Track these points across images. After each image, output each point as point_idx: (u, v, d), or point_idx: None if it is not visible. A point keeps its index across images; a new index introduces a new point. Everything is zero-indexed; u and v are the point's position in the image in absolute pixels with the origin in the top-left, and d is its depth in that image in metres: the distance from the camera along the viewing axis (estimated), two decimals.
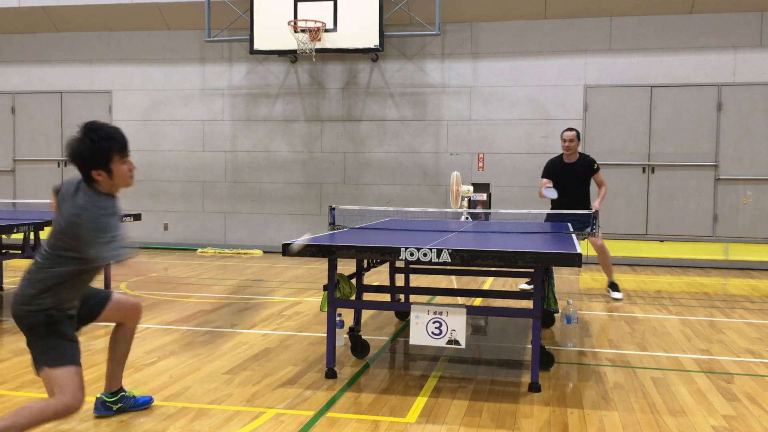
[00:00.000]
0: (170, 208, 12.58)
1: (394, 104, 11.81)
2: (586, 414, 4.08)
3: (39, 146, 13.01)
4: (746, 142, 10.81)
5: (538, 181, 11.23)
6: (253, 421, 3.87)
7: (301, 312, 6.94)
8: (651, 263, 11.03)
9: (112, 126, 3.38)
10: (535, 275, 4.43)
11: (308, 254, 4.46)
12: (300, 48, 10.78)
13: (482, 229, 6.44)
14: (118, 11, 12.16)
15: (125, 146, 3.38)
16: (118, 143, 3.35)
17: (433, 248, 4.21)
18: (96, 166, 3.31)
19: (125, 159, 3.38)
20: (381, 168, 11.88)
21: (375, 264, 5.73)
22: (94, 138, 3.29)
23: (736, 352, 5.58)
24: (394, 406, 4.15)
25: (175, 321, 6.52)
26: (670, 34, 10.97)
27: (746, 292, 8.60)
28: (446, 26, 11.50)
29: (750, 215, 10.85)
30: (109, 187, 3.40)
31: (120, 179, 3.40)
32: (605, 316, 7.01)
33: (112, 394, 3.98)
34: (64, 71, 12.88)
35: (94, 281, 3.69)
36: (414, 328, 4.48)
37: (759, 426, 3.92)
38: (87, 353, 5.29)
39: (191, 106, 12.40)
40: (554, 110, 11.32)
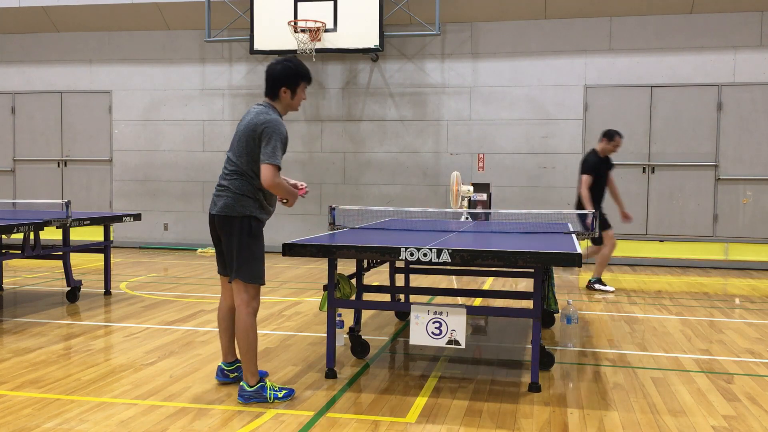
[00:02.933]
0: (170, 208, 12.58)
1: (394, 104, 11.81)
2: (586, 414, 4.08)
3: (39, 146, 13.01)
4: (746, 142, 10.81)
5: (538, 180, 11.30)
6: (253, 421, 3.87)
7: (301, 312, 6.94)
8: (651, 263, 11.03)
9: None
10: (536, 275, 4.43)
11: (308, 254, 4.47)
12: (300, 48, 10.78)
13: (482, 229, 6.44)
14: (118, 11, 12.15)
15: (310, 80, 4.32)
16: (308, 76, 4.31)
17: (433, 248, 4.21)
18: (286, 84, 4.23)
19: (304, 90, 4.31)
20: (381, 168, 11.88)
21: (375, 264, 5.73)
22: (291, 65, 4.23)
23: (736, 352, 5.58)
24: (394, 406, 4.15)
25: (175, 321, 6.52)
26: (670, 34, 10.97)
27: (746, 292, 8.60)
28: (446, 26, 11.50)
29: (750, 215, 10.85)
30: (285, 106, 4.29)
31: (297, 102, 4.30)
32: (605, 316, 7.01)
33: (230, 364, 4.49)
34: (64, 71, 12.88)
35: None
36: (414, 328, 4.48)
37: (759, 426, 3.92)
38: (87, 353, 5.29)
39: (191, 106, 12.40)
40: (554, 110, 11.32)
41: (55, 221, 6.88)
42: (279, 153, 4.07)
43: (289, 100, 4.24)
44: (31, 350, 5.34)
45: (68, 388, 4.42)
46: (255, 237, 4.17)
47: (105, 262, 7.82)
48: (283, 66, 4.21)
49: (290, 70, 4.21)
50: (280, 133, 4.07)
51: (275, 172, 4.06)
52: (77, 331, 6.02)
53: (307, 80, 4.27)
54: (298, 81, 4.23)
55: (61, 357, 5.18)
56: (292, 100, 4.25)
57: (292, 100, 4.26)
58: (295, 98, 4.26)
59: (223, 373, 4.51)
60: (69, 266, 7.27)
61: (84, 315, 6.75)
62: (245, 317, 4.12)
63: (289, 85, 4.21)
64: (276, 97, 4.24)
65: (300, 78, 4.23)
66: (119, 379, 4.64)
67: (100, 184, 12.85)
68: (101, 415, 3.94)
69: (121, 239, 12.58)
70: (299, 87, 4.24)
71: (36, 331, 5.96)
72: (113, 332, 6.07)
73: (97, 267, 9.19)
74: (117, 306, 7.20)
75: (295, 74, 4.22)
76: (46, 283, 8.56)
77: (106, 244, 7.83)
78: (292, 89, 4.23)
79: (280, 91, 4.21)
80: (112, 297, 7.66)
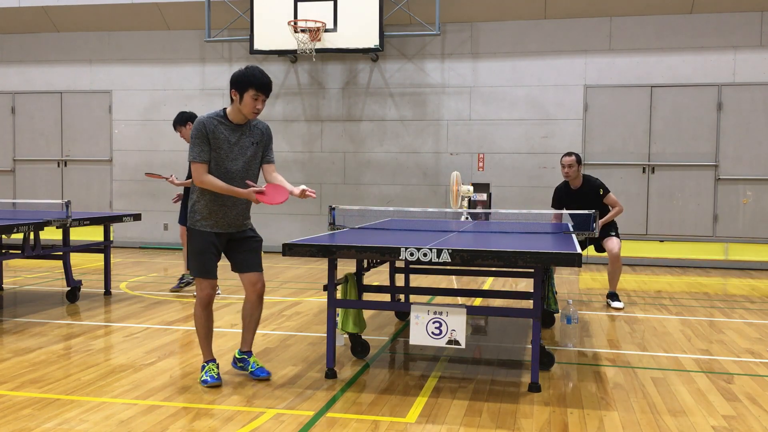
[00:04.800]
0: (170, 208, 12.55)
1: (394, 104, 11.81)
2: (586, 414, 4.08)
3: (39, 146, 13.01)
4: (746, 142, 10.81)
5: (538, 180, 11.30)
6: (253, 421, 3.87)
7: (301, 312, 6.94)
8: (651, 263, 11.03)
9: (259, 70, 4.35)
10: (536, 275, 4.42)
11: (308, 254, 4.47)
12: (300, 48, 10.78)
13: (482, 229, 6.44)
14: (117, 11, 12.15)
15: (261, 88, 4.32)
16: (259, 84, 4.30)
17: (433, 248, 4.21)
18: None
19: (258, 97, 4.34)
20: (381, 168, 11.88)
21: (375, 264, 5.73)
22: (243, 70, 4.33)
23: (736, 352, 5.58)
24: (394, 406, 4.15)
25: (175, 321, 6.52)
26: (670, 34, 10.97)
27: (746, 292, 8.60)
28: (446, 26, 11.50)
29: (750, 215, 10.85)
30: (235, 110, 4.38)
31: (246, 108, 4.34)
32: (605, 316, 7.01)
33: (242, 353, 4.74)
34: (64, 71, 12.88)
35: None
36: (414, 328, 4.48)
37: (759, 426, 3.92)
38: (87, 353, 5.29)
39: (191, 106, 12.37)
40: (554, 110, 11.32)
41: (55, 221, 6.88)
42: (194, 149, 4.33)
43: (238, 104, 4.34)
44: (31, 350, 5.34)
45: (68, 388, 4.42)
46: (191, 235, 4.53)
47: (105, 262, 7.82)
48: (239, 71, 4.36)
49: (240, 76, 4.31)
50: (192, 129, 4.37)
51: (195, 169, 4.35)
52: (77, 331, 6.02)
53: (256, 87, 4.28)
54: (246, 87, 4.28)
55: (61, 357, 5.18)
56: (240, 105, 4.33)
57: (240, 105, 4.33)
58: (243, 104, 4.32)
59: (234, 359, 4.80)
60: (69, 266, 7.27)
61: (84, 315, 6.75)
62: (194, 307, 4.59)
63: (237, 89, 4.31)
64: (231, 100, 4.40)
65: (247, 84, 4.28)
66: (119, 379, 4.64)
67: (100, 184, 12.85)
68: (101, 415, 3.94)
69: (121, 239, 12.58)
70: (246, 93, 4.29)
71: (36, 331, 5.96)
72: (113, 332, 6.07)
73: (97, 267, 9.19)
74: (117, 306, 7.20)
75: (243, 80, 4.29)
76: (46, 283, 8.56)
77: (106, 244, 7.83)
78: (239, 94, 4.31)
79: (231, 93, 4.35)
80: (112, 297, 7.66)
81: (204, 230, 4.45)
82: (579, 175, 7.45)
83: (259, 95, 4.31)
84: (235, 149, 4.41)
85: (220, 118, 4.39)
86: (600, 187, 7.44)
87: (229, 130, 4.39)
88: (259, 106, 4.34)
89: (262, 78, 4.30)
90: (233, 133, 4.41)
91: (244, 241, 4.60)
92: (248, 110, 4.34)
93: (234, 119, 4.41)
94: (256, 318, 4.69)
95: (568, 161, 7.37)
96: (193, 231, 4.48)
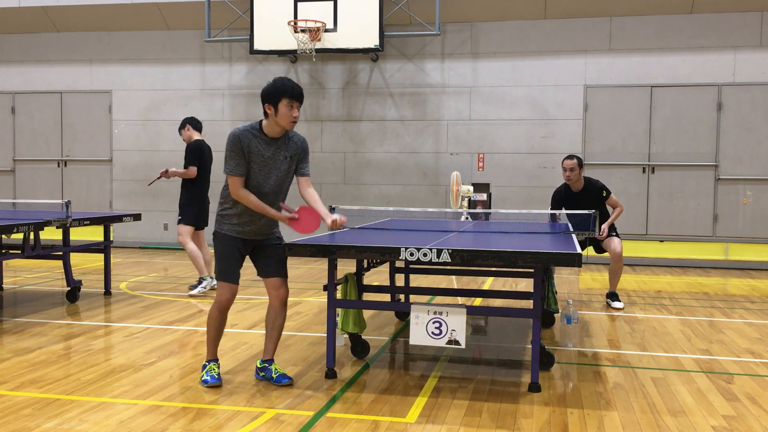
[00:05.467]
0: (170, 208, 12.56)
1: (394, 104, 11.81)
2: (586, 414, 4.08)
3: (39, 146, 13.01)
4: (746, 142, 10.81)
5: (538, 180, 11.30)
6: (253, 421, 3.87)
7: (301, 312, 6.94)
8: (651, 263, 11.03)
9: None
10: (536, 275, 4.43)
11: (308, 254, 4.47)
12: (300, 48, 10.78)
13: (482, 229, 6.44)
14: (117, 11, 12.15)
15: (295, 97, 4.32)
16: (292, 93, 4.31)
17: (433, 248, 4.21)
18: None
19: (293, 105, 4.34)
20: (381, 168, 11.88)
21: (375, 264, 5.73)
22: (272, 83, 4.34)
23: (736, 352, 5.58)
24: (394, 406, 4.15)
25: (175, 321, 6.52)
26: (670, 34, 10.97)
27: (746, 292, 8.60)
28: (446, 26, 11.50)
29: (750, 215, 10.85)
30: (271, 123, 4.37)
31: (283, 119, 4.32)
32: (605, 316, 7.01)
33: (264, 362, 4.67)
34: (64, 71, 12.88)
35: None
36: (414, 328, 4.48)
37: (759, 426, 3.92)
38: (87, 353, 5.29)
39: (191, 106, 12.39)
40: (554, 110, 11.32)
41: (55, 221, 6.88)
42: (230, 162, 4.34)
43: (274, 116, 4.32)
44: (31, 350, 5.34)
45: (68, 388, 4.42)
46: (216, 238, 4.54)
47: (105, 262, 7.82)
48: (268, 84, 4.36)
49: (270, 88, 4.32)
50: (228, 143, 4.35)
51: (230, 182, 4.38)
52: (77, 331, 6.02)
53: (289, 96, 4.28)
54: (279, 98, 4.28)
55: (61, 357, 5.18)
56: (276, 117, 4.31)
57: (277, 117, 4.31)
58: (279, 115, 4.30)
59: (257, 369, 4.72)
60: (69, 266, 7.27)
61: (84, 315, 6.75)
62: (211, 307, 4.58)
63: (270, 101, 4.31)
64: (266, 115, 4.37)
65: (281, 94, 4.28)
66: (119, 379, 4.64)
67: (100, 184, 12.85)
68: (101, 415, 3.94)
69: (121, 239, 12.58)
70: (281, 103, 4.28)
71: (36, 331, 5.96)
72: (113, 332, 6.07)
73: (97, 267, 9.19)
74: (117, 306, 7.20)
75: (275, 92, 4.30)
76: (46, 283, 8.56)
77: (106, 244, 7.83)
78: (274, 106, 4.30)
79: (264, 107, 4.34)
80: (112, 297, 7.66)
81: (230, 234, 4.46)
82: (580, 178, 7.41)
83: (293, 103, 4.30)
84: (269, 163, 4.39)
85: (256, 131, 4.36)
86: (602, 189, 7.42)
87: (264, 144, 4.36)
88: (295, 114, 4.32)
89: (294, 86, 4.31)
90: (268, 147, 4.37)
91: (270, 247, 4.58)
92: (286, 121, 4.32)
93: (270, 133, 4.37)
94: (279, 326, 4.63)
95: (570, 164, 7.32)
96: (219, 234, 4.50)
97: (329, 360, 4.69)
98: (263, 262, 4.59)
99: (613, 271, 7.50)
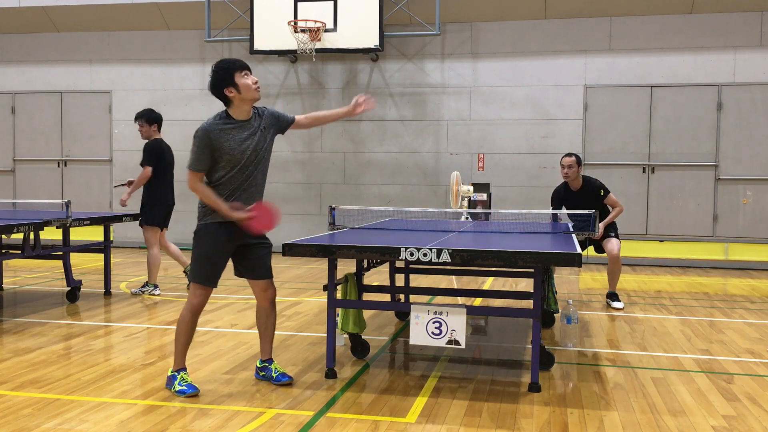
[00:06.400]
0: None
1: (394, 104, 11.81)
2: (586, 414, 4.08)
3: (39, 146, 13.01)
4: (746, 142, 10.81)
5: (538, 180, 11.30)
6: (253, 421, 3.87)
7: (301, 312, 6.94)
8: (651, 263, 11.03)
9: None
10: (536, 275, 4.42)
11: (308, 254, 4.47)
12: (300, 48, 10.78)
13: (482, 229, 6.44)
14: (118, 11, 12.15)
15: (242, 66, 4.24)
16: (238, 63, 4.24)
17: (433, 248, 4.21)
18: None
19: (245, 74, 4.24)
20: (381, 168, 11.88)
21: (375, 264, 5.73)
22: (215, 68, 4.25)
23: (736, 352, 5.58)
24: (394, 406, 4.15)
25: (175, 321, 6.51)
26: (670, 34, 10.97)
27: (746, 292, 8.60)
28: (446, 26, 11.50)
29: (750, 215, 10.85)
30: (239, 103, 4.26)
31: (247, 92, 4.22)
32: (605, 316, 7.01)
33: (261, 362, 4.65)
34: (64, 71, 12.88)
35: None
36: (414, 328, 4.48)
37: (759, 426, 3.92)
38: (87, 353, 5.29)
39: (191, 106, 12.39)
40: (554, 110, 11.32)
41: (55, 221, 6.88)
42: (193, 158, 4.21)
43: (238, 95, 4.22)
44: (31, 350, 5.34)
45: (68, 388, 4.42)
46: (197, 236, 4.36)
47: (105, 262, 7.82)
48: (213, 73, 4.26)
49: (218, 73, 4.22)
50: (195, 138, 4.22)
51: (190, 176, 4.24)
52: (77, 331, 6.02)
53: (238, 68, 4.20)
54: (231, 75, 4.19)
55: (61, 357, 5.18)
56: (240, 94, 4.21)
57: (241, 93, 4.21)
58: (243, 89, 4.20)
59: (257, 369, 4.69)
60: (69, 266, 7.27)
61: (84, 315, 6.75)
62: (183, 311, 4.40)
63: (226, 83, 4.20)
64: (228, 102, 4.27)
65: (230, 72, 4.19)
66: (119, 379, 4.64)
67: (100, 184, 12.85)
68: (101, 415, 3.94)
69: (121, 239, 12.58)
70: (236, 78, 4.18)
71: (36, 331, 5.96)
72: (113, 332, 6.07)
73: (97, 267, 9.18)
74: (117, 306, 7.20)
75: (223, 74, 4.20)
76: (46, 283, 8.56)
77: (106, 244, 7.83)
78: (232, 85, 4.19)
79: (225, 93, 4.23)
80: (112, 297, 7.66)
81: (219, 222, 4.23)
82: (579, 176, 7.44)
83: (245, 72, 4.22)
84: (247, 143, 4.24)
85: (224, 120, 4.24)
86: (601, 188, 7.43)
87: (238, 129, 4.24)
88: (254, 79, 4.25)
89: (235, 59, 4.28)
90: (241, 130, 4.25)
91: (255, 247, 4.44)
92: (251, 91, 4.21)
93: (239, 116, 4.26)
94: (271, 325, 4.59)
95: (568, 162, 7.36)
96: (206, 227, 4.28)
97: (329, 360, 4.69)
98: (250, 264, 4.46)
99: (611, 272, 7.52)
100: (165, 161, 7.82)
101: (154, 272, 7.80)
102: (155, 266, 7.79)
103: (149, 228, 7.75)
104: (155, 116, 7.92)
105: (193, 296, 4.34)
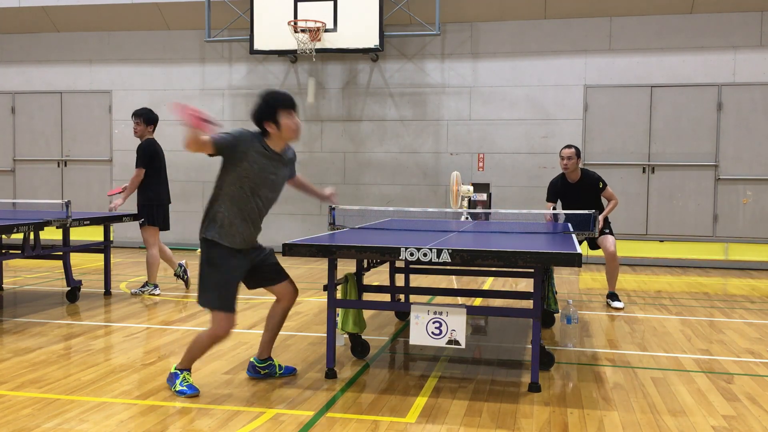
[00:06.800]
0: (170, 208, 12.56)
1: (394, 104, 11.81)
2: (586, 414, 4.08)
3: (39, 146, 13.01)
4: (746, 142, 10.81)
5: (538, 180, 11.29)
6: (253, 421, 3.87)
7: (301, 312, 6.94)
8: (651, 263, 11.03)
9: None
10: (536, 275, 4.42)
11: (308, 254, 4.47)
12: (300, 48, 10.78)
13: (482, 229, 6.44)
14: (117, 11, 12.16)
15: (289, 105, 4.17)
16: (285, 102, 4.16)
17: (433, 248, 4.21)
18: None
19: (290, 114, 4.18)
20: (381, 168, 11.88)
21: (375, 264, 5.73)
22: (260, 101, 4.17)
23: (736, 352, 5.58)
24: (394, 406, 4.15)
25: (175, 321, 6.52)
26: (670, 34, 10.97)
27: (746, 292, 8.60)
28: (446, 26, 11.50)
29: (750, 215, 10.85)
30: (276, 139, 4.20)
31: (286, 131, 4.18)
32: (605, 316, 7.01)
33: (262, 360, 4.62)
34: (64, 71, 12.88)
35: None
36: (414, 328, 4.48)
37: (759, 426, 3.92)
38: (87, 353, 5.29)
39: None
40: (554, 110, 11.32)
41: (55, 221, 6.88)
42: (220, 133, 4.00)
43: (277, 132, 4.16)
44: (31, 350, 5.34)
45: (68, 388, 4.42)
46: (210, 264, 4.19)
47: (105, 262, 7.82)
48: (258, 103, 4.16)
49: (263, 106, 4.14)
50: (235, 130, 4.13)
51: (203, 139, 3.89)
52: (77, 331, 6.02)
53: (283, 105, 4.13)
54: (275, 111, 4.12)
55: (61, 357, 5.18)
56: (280, 131, 4.16)
57: (281, 131, 4.16)
58: (283, 128, 4.14)
59: (255, 368, 4.65)
60: (69, 266, 7.27)
61: (84, 315, 6.75)
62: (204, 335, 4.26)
63: (269, 118, 4.13)
64: (266, 133, 4.19)
65: (276, 107, 4.12)
66: (119, 379, 4.64)
67: (100, 184, 12.85)
68: (101, 415, 3.94)
69: (121, 239, 12.58)
70: (279, 116, 4.12)
71: (36, 331, 5.96)
72: (113, 332, 6.07)
73: (97, 267, 9.19)
74: (117, 306, 7.20)
75: (267, 108, 4.13)
76: (46, 283, 8.56)
77: (106, 244, 7.83)
78: (274, 121, 4.13)
79: (264, 126, 4.16)
80: (112, 297, 7.66)
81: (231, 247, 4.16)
82: (577, 168, 7.45)
83: (290, 111, 4.15)
84: (268, 169, 4.19)
85: (263, 142, 4.16)
86: (599, 180, 7.46)
87: (267, 158, 4.17)
88: (296, 121, 4.18)
89: (285, 95, 4.17)
90: (270, 159, 4.19)
91: (260, 260, 4.42)
92: (292, 131, 4.16)
93: (274, 147, 4.20)
94: (282, 325, 4.64)
95: (568, 153, 7.37)
96: (215, 248, 4.16)
97: (329, 360, 4.69)
98: (264, 274, 4.45)
99: (609, 272, 7.52)
100: (159, 160, 7.85)
101: (154, 272, 7.81)
102: (155, 266, 7.80)
103: (149, 228, 7.75)
104: (153, 117, 7.94)
105: (218, 327, 4.18)
